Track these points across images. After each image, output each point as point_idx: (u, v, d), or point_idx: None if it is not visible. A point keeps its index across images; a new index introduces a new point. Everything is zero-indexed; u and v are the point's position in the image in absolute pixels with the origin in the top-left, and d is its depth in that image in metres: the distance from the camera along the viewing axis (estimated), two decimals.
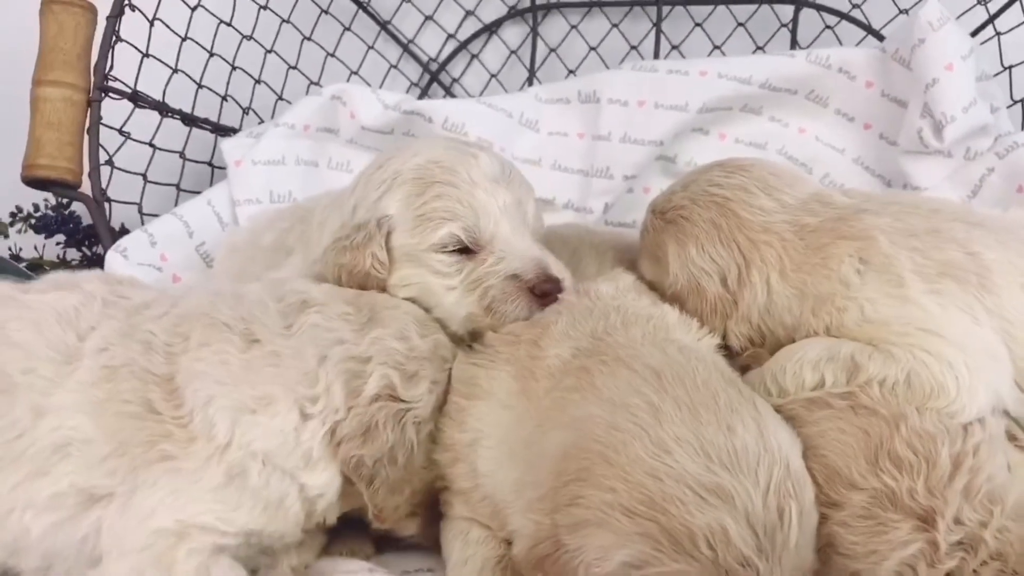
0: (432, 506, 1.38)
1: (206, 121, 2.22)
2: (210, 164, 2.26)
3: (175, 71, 2.12)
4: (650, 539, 0.99)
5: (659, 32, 2.48)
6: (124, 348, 1.28)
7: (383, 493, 1.27)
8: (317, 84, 2.48)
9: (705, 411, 1.07)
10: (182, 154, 2.18)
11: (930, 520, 1.09)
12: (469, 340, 1.43)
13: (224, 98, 2.26)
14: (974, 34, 2.05)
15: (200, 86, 2.19)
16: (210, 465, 1.21)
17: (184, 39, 2.12)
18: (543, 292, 1.40)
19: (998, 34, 2.06)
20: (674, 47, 2.47)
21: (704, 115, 2.15)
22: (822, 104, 2.11)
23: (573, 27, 2.63)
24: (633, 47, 2.52)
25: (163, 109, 2.11)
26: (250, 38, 2.30)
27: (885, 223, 1.35)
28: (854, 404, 1.20)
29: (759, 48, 2.42)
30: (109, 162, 2.01)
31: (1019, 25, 2.03)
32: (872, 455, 1.14)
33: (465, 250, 1.43)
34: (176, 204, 2.14)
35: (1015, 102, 2.08)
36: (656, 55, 2.47)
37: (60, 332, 1.29)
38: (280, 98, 2.42)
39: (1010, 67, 2.07)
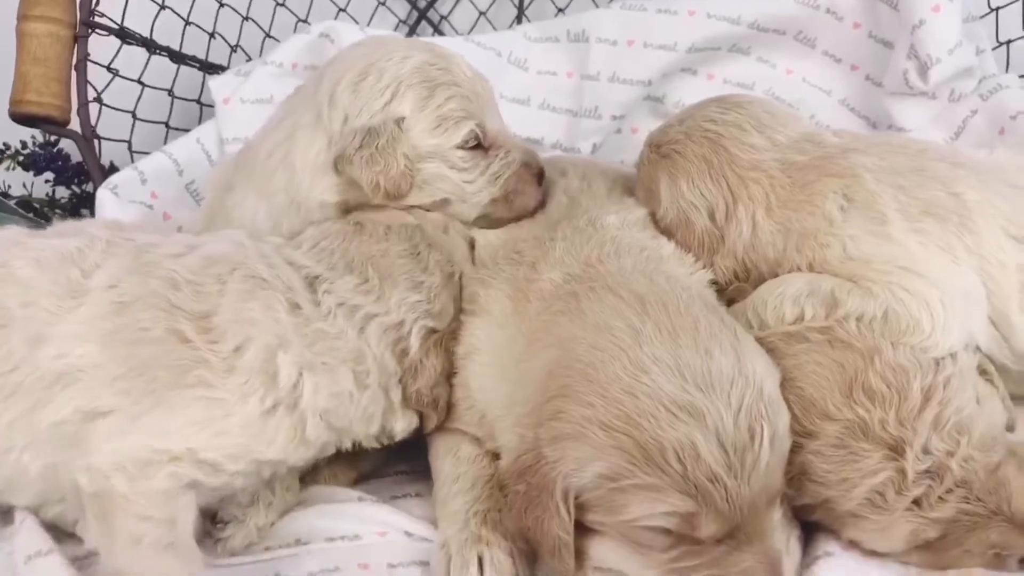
0: None
1: (194, 59, 2.21)
2: (198, 102, 2.25)
3: (162, 7, 2.11)
4: (624, 452, 1.05)
5: None
6: (137, 285, 1.27)
7: (443, 408, 1.39)
8: (305, 22, 2.46)
9: (684, 335, 1.11)
10: (170, 92, 2.17)
11: (899, 450, 1.13)
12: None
13: (212, 35, 2.24)
14: None
15: (187, 23, 2.18)
16: (249, 400, 1.22)
17: None
18: (539, 174, 1.59)
19: None
20: None
21: (693, 55, 2.15)
22: (810, 45, 2.12)
23: None
24: None
25: (151, 46, 2.09)
26: None
27: (871, 162, 1.37)
28: (831, 338, 1.24)
29: None
30: (98, 99, 2.01)
31: None
32: (847, 387, 1.18)
33: (477, 146, 1.53)
34: (165, 142, 2.14)
35: (1000, 44, 2.09)
36: None
37: (63, 269, 1.28)
38: (268, 35, 2.40)
39: (996, 8, 2.07)
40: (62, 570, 1.18)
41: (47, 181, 2.32)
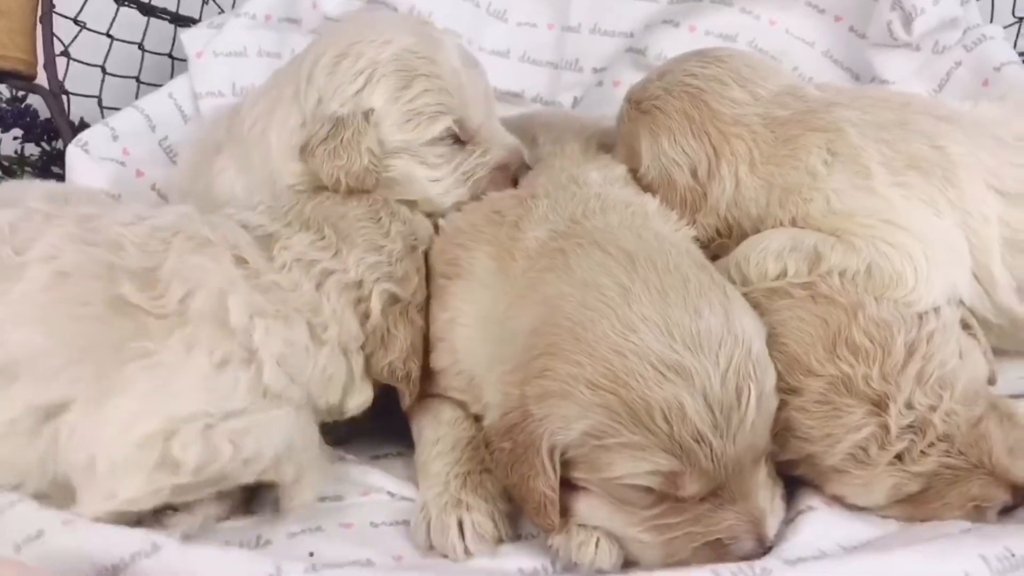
0: None
1: (164, 11, 2.16)
2: (170, 56, 2.19)
3: None
4: (610, 411, 1.04)
5: None
6: (79, 252, 1.19)
7: (415, 382, 1.35)
8: None
9: (674, 293, 1.10)
10: (141, 45, 2.12)
11: (883, 405, 1.14)
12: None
13: None
14: None
15: None
16: (198, 353, 1.16)
17: None
18: (518, 175, 1.49)
19: None
20: None
21: (675, 6, 2.12)
22: None
23: None
24: None
25: None
26: None
27: (854, 115, 1.36)
28: (814, 293, 1.23)
29: None
30: (65, 53, 1.95)
31: None
32: (830, 343, 1.17)
33: (455, 140, 1.46)
34: (137, 97, 2.09)
35: None
36: None
37: None
38: None
39: None
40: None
41: (15, 138, 2.26)
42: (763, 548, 1.10)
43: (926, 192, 1.29)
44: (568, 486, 1.14)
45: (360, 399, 1.34)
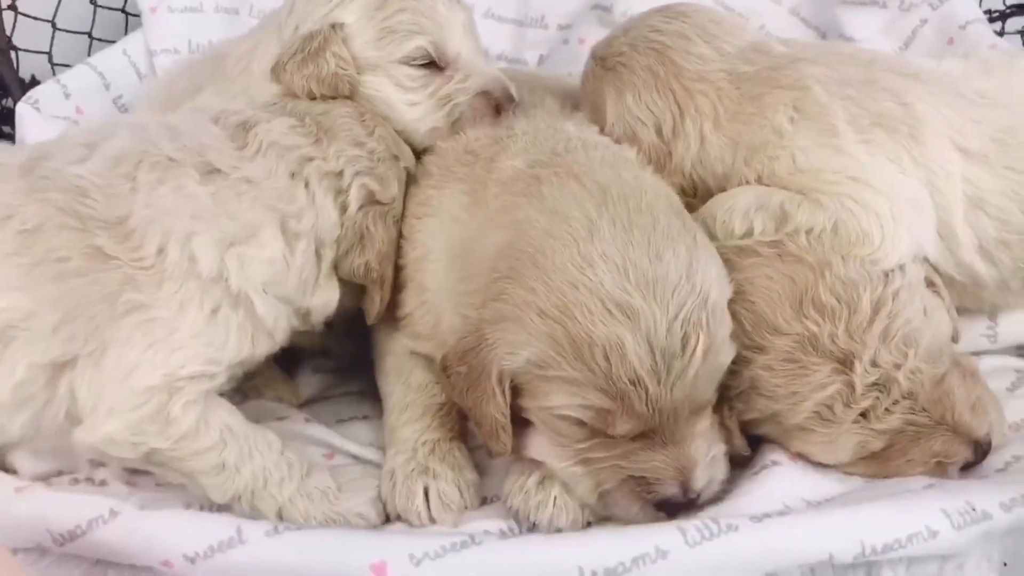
0: None
1: None
2: (123, 11, 2.13)
3: None
4: (554, 342, 1.05)
5: None
6: (38, 205, 1.14)
7: (387, 288, 1.34)
8: None
9: (639, 233, 1.09)
10: (92, 0, 2.05)
11: (848, 363, 1.14)
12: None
13: None
14: None
15: None
16: (190, 307, 1.14)
17: None
18: (500, 106, 1.46)
19: None
20: None
21: None
22: None
23: None
24: None
25: None
26: None
27: (821, 72, 1.34)
28: (781, 252, 1.23)
29: None
30: (12, 7, 1.89)
31: None
32: (797, 301, 1.17)
33: (430, 65, 1.44)
34: (89, 54, 2.03)
35: None
36: None
37: None
38: None
39: None
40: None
41: None
42: (687, 496, 1.10)
43: (892, 150, 1.29)
44: (519, 420, 1.15)
45: (325, 296, 1.30)
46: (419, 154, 1.45)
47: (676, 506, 1.11)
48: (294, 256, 1.24)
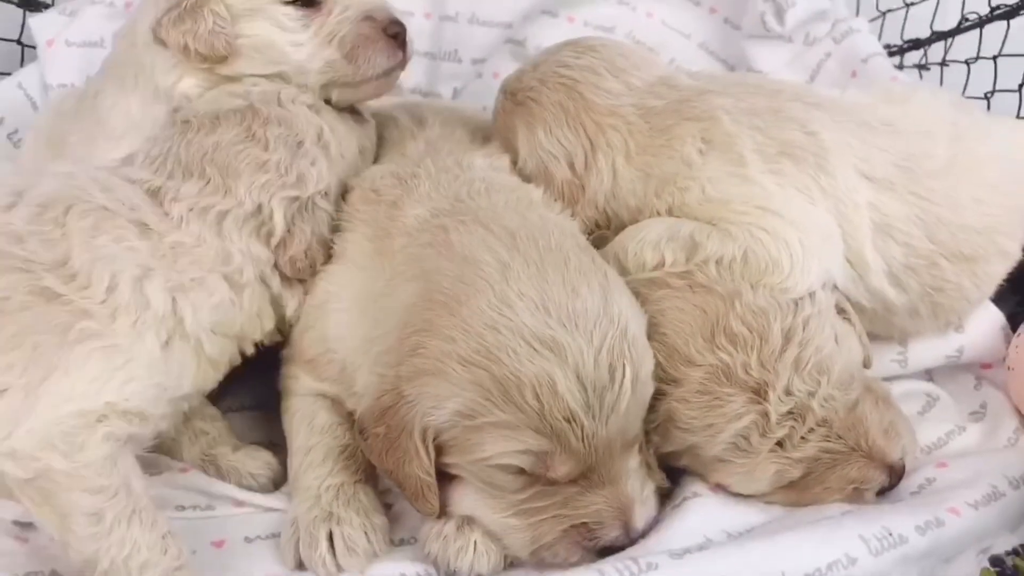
0: None
1: None
2: (19, 42, 2.05)
3: None
4: (481, 388, 1.02)
5: None
6: None
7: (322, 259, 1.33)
8: None
9: (553, 272, 1.08)
10: None
11: (762, 392, 1.14)
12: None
13: None
14: None
15: None
16: (146, 336, 1.14)
17: None
18: (395, 33, 1.46)
19: None
20: None
21: None
22: None
23: None
24: None
25: None
26: None
27: (728, 103, 1.36)
28: (691, 283, 1.23)
29: None
30: None
31: None
32: (709, 332, 1.17)
33: (308, 3, 1.44)
34: None
35: None
36: None
37: None
38: None
39: None
40: None
41: None
42: (629, 536, 1.09)
43: (799, 179, 1.31)
44: (446, 476, 1.12)
45: (295, 301, 1.32)
46: None
47: (616, 549, 1.09)
48: (242, 300, 1.26)
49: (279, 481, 1.35)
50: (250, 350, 1.31)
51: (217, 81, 1.44)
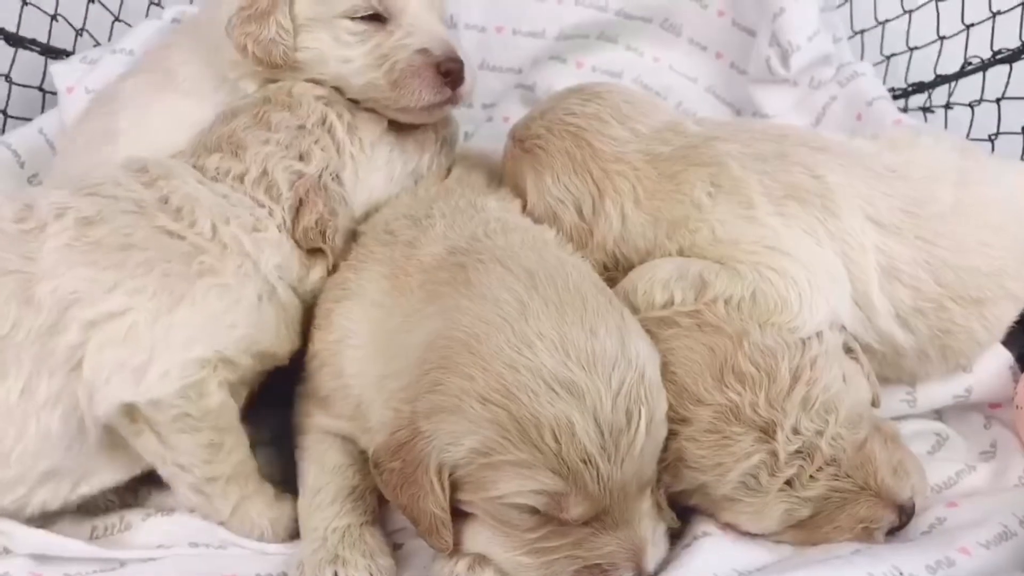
0: None
1: (34, 42, 2.06)
2: (41, 89, 2.09)
3: None
4: (499, 426, 1.02)
5: None
6: (88, 201, 1.27)
7: (337, 246, 1.40)
8: (157, 4, 2.32)
9: (572, 312, 1.08)
10: (8, 77, 2.01)
11: (771, 431, 1.15)
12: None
13: (54, 17, 2.09)
14: None
15: (25, 3, 2.02)
16: (247, 284, 1.29)
17: None
18: (447, 71, 1.45)
19: None
20: None
21: (562, 43, 2.15)
22: (676, 33, 2.15)
23: None
24: None
25: None
26: None
27: (735, 149, 1.38)
28: (700, 322, 1.24)
29: None
30: None
31: None
32: (718, 371, 1.18)
33: (375, 18, 1.47)
34: (3, 131, 1.99)
35: (855, 33, 2.18)
36: None
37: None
38: (117, 19, 2.26)
39: None
40: None
41: None
42: None
43: (806, 221, 1.32)
44: (459, 513, 1.12)
45: (317, 271, 1.41)
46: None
47: None
48: (285, 244, 1.38)
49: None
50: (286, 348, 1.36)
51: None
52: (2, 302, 1.19)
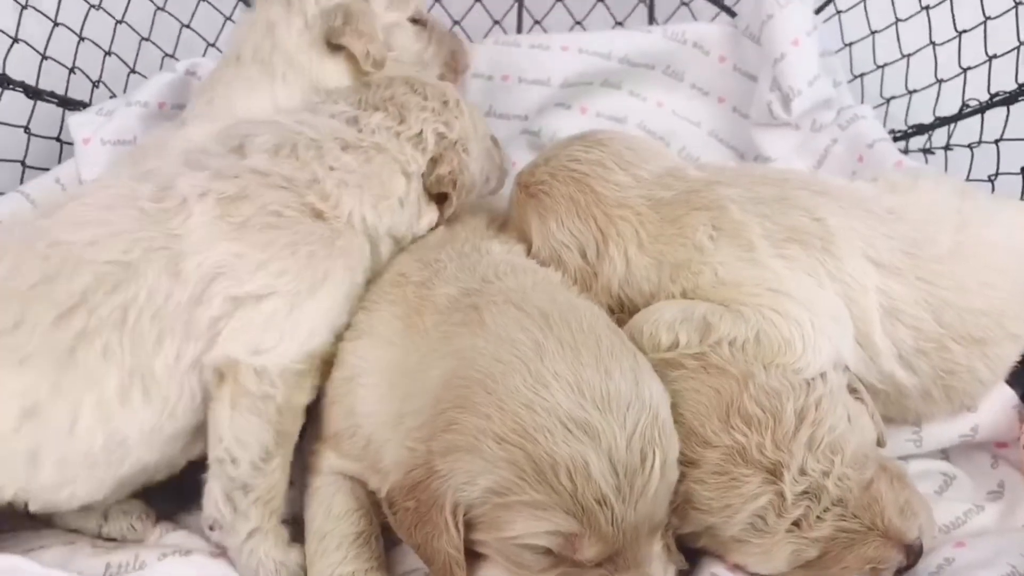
0: None
1: (52, 94, 2.10)
2: (58, 140, 2.13)
3: (15, 40, 2.00)
4: (515, 466, 1.03)
5: (521, 7, 2.48)
6: (231, 181, 1.32)
7: (464, 194, 1.59)
8: (172, 57, 2.38)
9: (587, 352, 1.10)
10: (27, 129, 2.05)
11: (777, 473, 1.15)
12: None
13: (71, 70, 2.14)
14: (817, 12, 2.16)
15: (44, 57, 2.07)
16: (360, 269, 1.38)
17: (25, 7, 1.99)
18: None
19: (839, 12, 2.18)
20: (536, 22, 2.48)
21: (566, 89, 2.18)
22: (678, 78, 2.18)
23: (436, 1, 2.61)
24: (496, 22, 2.52)
25: (4, 81, 1.98)
26: (98, 7, 2.18)
27: (735, 193, 1.40)
28: (705, 364, 1.25)
29: (618, 23, 2.46)
30: None
31: (858, 3, 2.15)
32: (724, 413, 1.19)
33: (417, 20, 1.83)
34: (22, 181, 2.02)
35: (855, 77, 2.20)
36: (519, 30, 2.48)
37: (135, 214, 1.29)
38: (133, 71, 2.31)
39: (850, 44, 2.19)
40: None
41: None
42: None
43: (807, 264, 1.34)
44: (473, 555, 1.12)
45: (428, 218, 1.55)
46: None
47: None
48: (409, 194, 1.50)
49: None
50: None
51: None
52: (155, 276, 1.24)
